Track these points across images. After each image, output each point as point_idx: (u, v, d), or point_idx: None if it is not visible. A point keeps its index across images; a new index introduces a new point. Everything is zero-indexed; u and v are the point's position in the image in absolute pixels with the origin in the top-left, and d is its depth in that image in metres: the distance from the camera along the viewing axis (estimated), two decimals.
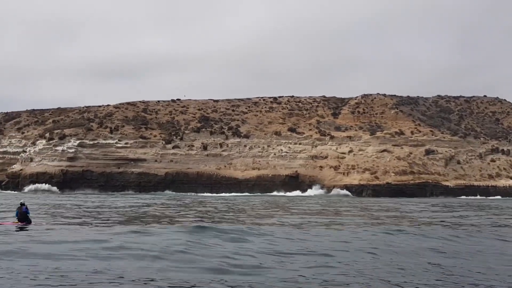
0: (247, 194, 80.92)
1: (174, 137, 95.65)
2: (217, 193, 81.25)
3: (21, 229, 23.54)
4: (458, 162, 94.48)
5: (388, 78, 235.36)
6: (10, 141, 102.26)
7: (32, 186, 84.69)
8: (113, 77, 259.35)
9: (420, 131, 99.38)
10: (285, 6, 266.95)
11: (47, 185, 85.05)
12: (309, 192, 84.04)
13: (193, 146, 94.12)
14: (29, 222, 26.38)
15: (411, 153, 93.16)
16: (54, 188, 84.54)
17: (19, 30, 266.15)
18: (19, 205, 27.47)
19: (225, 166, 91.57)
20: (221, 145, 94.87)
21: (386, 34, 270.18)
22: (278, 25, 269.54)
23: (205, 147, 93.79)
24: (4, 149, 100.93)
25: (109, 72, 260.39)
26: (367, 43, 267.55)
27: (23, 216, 26.69)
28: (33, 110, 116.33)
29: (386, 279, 11.49)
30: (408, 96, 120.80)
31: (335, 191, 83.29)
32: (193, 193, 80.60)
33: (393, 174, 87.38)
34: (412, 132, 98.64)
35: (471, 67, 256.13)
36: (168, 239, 16.87)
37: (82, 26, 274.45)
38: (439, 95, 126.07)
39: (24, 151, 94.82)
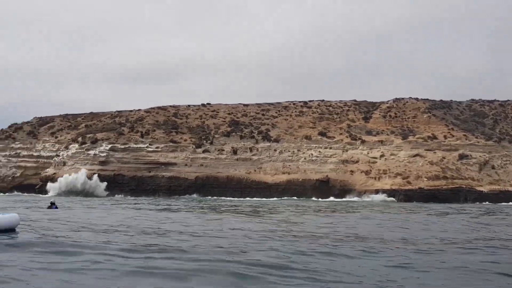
0: (282, 198, 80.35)
1: (204, 141, 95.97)
2: (246, 197, 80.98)
3: None
4: (493, 167, 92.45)
5: (420, 82, 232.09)
6: (44, 145, 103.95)
7: (62, 181, 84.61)
8: (144, 81, 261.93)
9: (453, 136, 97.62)
10: (315, 10, 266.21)
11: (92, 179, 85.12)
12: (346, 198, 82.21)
13: (223, 150, 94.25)
14: None
15: (444, 157, 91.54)
16: (92, 181, 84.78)
17: (51, 34, 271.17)
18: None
19: (255, 171, 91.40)
20: (251, 149, 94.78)
21: (419, 37, 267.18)
22: (309, 28, 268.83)
23: (235, 151, 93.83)
24: (38, 153, 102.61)
25: (141, 76, 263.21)
26: (400, 47, 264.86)
27: None
28: (66, 114, 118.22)
29: None
30: (441, 100, 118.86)
31: (369, 196, 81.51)
32: (223, 197, 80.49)
33: (425, 179, 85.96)
34: (445, 137, 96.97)
35: (506, 70, 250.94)
36: None
37: (114, 30, 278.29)
38: (473, 99, 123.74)
39: (57, 155, 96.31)
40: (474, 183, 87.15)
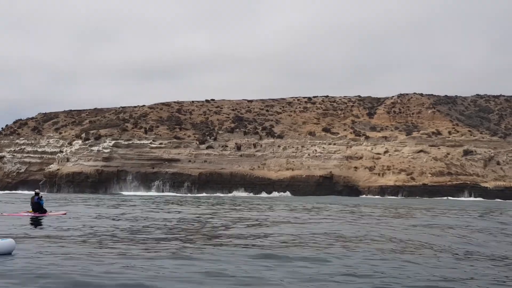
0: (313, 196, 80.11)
1: (208, 137, 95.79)
2: (250, 194, 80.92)
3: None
4: (498, 163, 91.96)
5: (425, 78, 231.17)
6: (48, 141, 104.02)
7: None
8: (150, 78, 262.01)
9: (458, 131, 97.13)
10: (321, 7, 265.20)
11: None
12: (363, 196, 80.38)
13: (227, 146, 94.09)
14: (43, 212, 25.95)
15: (448, 153, 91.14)
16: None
17: (58, 31, 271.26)
18: (33, 195, 26.93)
19: (258, 167, 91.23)
20: (255, 145, 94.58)
21: (423, 33, 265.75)
22: (313, 24, 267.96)
23: (238, 148, 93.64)
24: (43, 149, 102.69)
25: (147, 72, 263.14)
26: (404, 43, 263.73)
27: (36, 206, 26.15)
28: (71, 110, 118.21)
29: None
30: (446, 96, 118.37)
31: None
32: (228, 194, 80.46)
33: (429, 175, 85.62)
34: (449, 132, 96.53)
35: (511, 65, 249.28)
36: None
37: (120, 27, 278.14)
38: (478, 94, 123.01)
39: (61, 151, 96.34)
40: (479, 179, 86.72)
